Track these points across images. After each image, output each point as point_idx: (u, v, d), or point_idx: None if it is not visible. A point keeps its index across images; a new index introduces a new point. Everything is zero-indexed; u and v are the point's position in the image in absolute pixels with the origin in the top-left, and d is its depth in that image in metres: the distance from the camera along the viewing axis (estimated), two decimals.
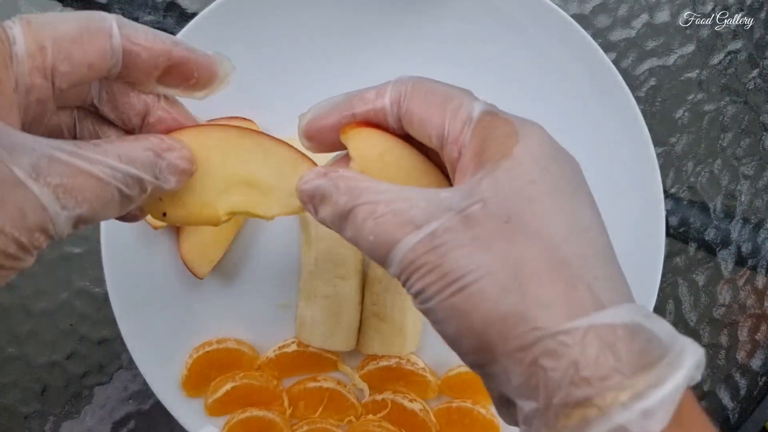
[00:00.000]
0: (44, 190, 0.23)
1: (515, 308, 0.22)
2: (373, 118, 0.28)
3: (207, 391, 0.43)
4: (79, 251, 0.47)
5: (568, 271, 0.23)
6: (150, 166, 0.27)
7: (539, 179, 0.24)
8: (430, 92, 0.27)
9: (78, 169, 0.24)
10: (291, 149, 0.31)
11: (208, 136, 0.30)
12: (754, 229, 0.49)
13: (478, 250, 0.23)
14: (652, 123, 0.48)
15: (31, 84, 0.25)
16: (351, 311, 0.43)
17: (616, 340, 0.22)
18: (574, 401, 0.21)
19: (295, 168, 0.31)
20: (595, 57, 0.42)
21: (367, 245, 0.26)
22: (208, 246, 0.42)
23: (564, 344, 0.22)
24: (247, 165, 0.30)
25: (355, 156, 0.29)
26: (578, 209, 0.24)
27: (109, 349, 0.47)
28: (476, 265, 0.23)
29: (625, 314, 0.22)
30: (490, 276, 0.23)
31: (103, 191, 0.25)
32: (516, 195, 0.24)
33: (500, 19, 0.42)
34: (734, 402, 0.49)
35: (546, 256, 0.23)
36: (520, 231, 0.23)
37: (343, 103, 0.29)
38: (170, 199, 0.29)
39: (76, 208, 0.24)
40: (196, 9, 0.47)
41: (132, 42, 0.26)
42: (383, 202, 0.25)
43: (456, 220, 0.24)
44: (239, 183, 0.30)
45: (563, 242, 0.23)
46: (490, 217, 0.23)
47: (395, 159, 0.29)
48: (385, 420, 0.43)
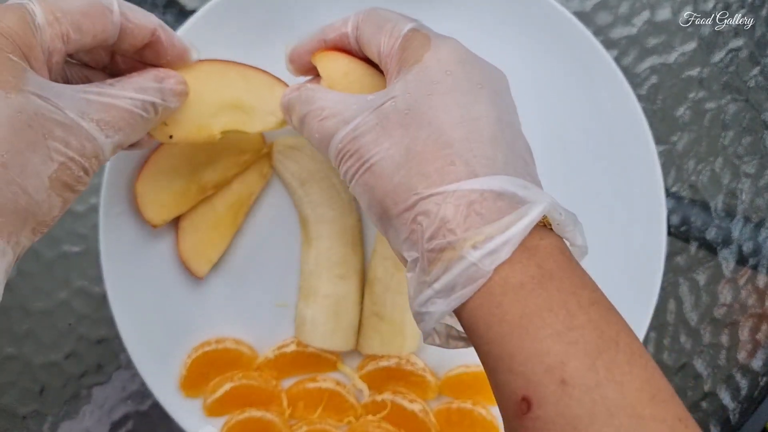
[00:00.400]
0: (91, 125, 0.30)
1: (403, 180, 0.28)
2: (339, 43, 0.35)
3: (206, 392, 0.43)
4: (77, 250, 0.47)
5: (449, 149, 0.27)
6: (158, 92, 0.33)
7: (441, 80, 0.29)
8: (377, 17, 0.33)
9: (110, 104, 0.31)
10: (267, 75, 0.38)
11: (200, 70, 0.37)
12: (756, 228, 0.49)
13: (382, 136, 0.29)
14: (653, 121, 0.48)
15: (53, 48, 0.30)
16: (351, 311, 0.43)
17: (482, 200, 0.26)
18: (440, 247, 0.26)
19: (271, 91, 0.38)
20: (596, 54, 0.42)
21: (316, 141, 0.32)
22: (207, 245, 0.42)
23: (435, 203, 0.27)
24: (233, 91, 0.37)
25: (324, 75, 0.35)
26: (472, 104, 0.28)
27: (107, 348, 0.47)
28: (379, 149, 0.29)
29: (496, 183, 0.26)
30: (388, 157, 0.28)
31: (131, 117, 0.32)
32: (418, 92, 0.29)
33: (500, 16, 0.42)
34: (735, 402, 0.49)
35: (433, 138, 0.28)
36: (416, 120, 0.28)
37: (318, 32, 0.35)
38: (174, 124, 0.36)
39: (116, 135, 0.31)
40: (196, 6, 0.47)
41: (128, 19, 0.32)
42: (328, 107, 0.31)
43: (372, 115, 0.29)
44: (227, 106, 0.37)
45: (450, 128, 0.28)
46: (396, 110, 0.29)
47: (357, 77, 0.35)
48: (384, 421, 0.43)
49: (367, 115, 0.29)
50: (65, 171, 0.29)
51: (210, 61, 0.37)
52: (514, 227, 0.25)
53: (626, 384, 0.23)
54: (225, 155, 0.41)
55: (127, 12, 0.32)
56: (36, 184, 0.28)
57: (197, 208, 0.42)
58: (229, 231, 0.43)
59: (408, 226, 0.28)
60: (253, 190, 0.43)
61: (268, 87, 0.38)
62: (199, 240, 0.42)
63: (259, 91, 0.38)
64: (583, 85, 0.43)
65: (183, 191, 0.41)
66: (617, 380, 0.23)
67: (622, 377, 0.23)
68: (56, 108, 0.28)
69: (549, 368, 0.24)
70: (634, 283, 0.43)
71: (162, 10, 0.47)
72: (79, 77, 0.35)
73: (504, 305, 0.25)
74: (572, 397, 0.23)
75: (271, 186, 0.43)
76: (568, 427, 0.23)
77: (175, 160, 0.41)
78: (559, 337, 0.24)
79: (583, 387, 0.23)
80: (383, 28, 0.32)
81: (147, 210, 0.41)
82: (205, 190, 0.41)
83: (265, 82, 0.38)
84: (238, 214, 0.43)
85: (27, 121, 0.27)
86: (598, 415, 0.23)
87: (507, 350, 0.25)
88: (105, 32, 0.32)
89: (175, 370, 0.43)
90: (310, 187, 0.42)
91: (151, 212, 0.41)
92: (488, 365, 0.26)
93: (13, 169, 0.27)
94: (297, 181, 0.42)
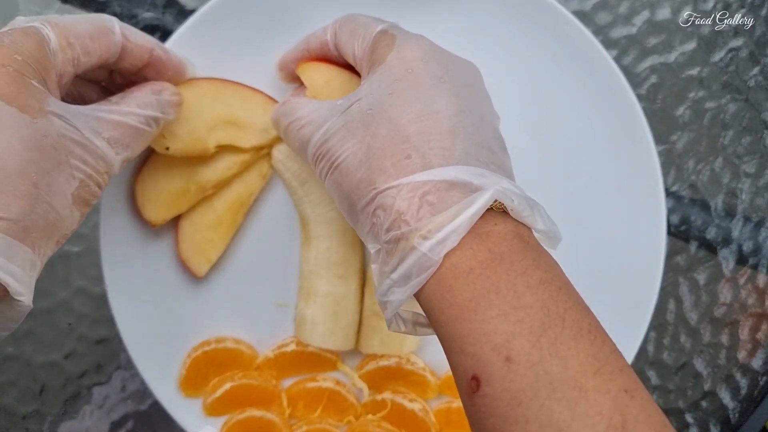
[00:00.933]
0: (103, 143, 0.32)
1: (365, 176, 0.29)
2: (321, 51, 0.37)
3: (205, 391, 0.43)
4: (77, 250, 0.47)
5: (407, 144, 0.28)
6: (157, 105, 0.35)
7: (402, 78, 0.30)
8: (352, 23, 0.35)
9: (118, 122, 0.33)
10: (262, 95, 0.41)
11: (199, 87, 0.39)
12: (756, 227, 0.49)
13: (347, 136, 0.30)
14: (653, 121, 0.48)
15: (64, 71, 0.32)
16: (350, 310, 0.43)
17: (435, 191, 0.27)
18: (395, 238, 0.27)
19: (265, 109, 0.40)
20: (595, 54, 0.42)
21: (297, 149, 0.35)
22: (206, 245, 0.42)
23: (391, 196, 0.28)
24: (229, 108, 0.40)
25: (307, 84, 0.37)
26: (432, 98, 0.29)
27: (107, 348, 0.47)
28: (345, 148, 0.30)
29: (451, 173, 0.27)
30: (352, 155, 0.30)
31: (137, 133, 0.34)
32: (380, 91, 0.30)
33: (500, 16, 0.42)
34: (735, 401, 0.49)
35: (391, 135, 0.29)
36: (377, 118, 0.29)
37: (302, 41, 0.38)
38: (171, 137, 0.38)
39: (124, 152, 0.33)
40: (195, 6, 0.47)
41: (128, 40, 0.34)
42: (305, 116, 0.34)
43: (340, 118, 0.31)
44: (223, 122, 0.40)
45: (408, 123, 0.29)
46: (360, 111, 0.30)
47: (339, 84, 0.37)
48: (384, 420, 0.43)
49: (336, 118, 0.31)
50: (84, 188, 0.31)
51: (208, 79, 0.40)
52: (462, 215, 0.26)
53: (570, 358, 0.24)
54: (225, 155, 0.41)
55: (128, 33, 0.34)
56: (62, 201, 0.30)
57: (197, 207, 0.42)
58: (229, 231, 0.43)
59: (369, 219, 0.29)
60: (253, 190, 0.43)
61: (262, 105, 0.41)
62: (198, 240, 0.42)
63: (253, 109, 0.40)
64: (582, 84, 0.43)
65: (182, 191, 0.41)
66: (561, 355, 0.24)
67: (567, 352, 0.24)
68: (75, 128, 0.30)
69: (495, 347, 0.24)
70: (634, 283, 0.43)
71: (162, 10, 0.47)
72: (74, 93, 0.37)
73: (454, 290, 0.26)
74: (517, 373, 0.24)
75: (271, 186, 0.43)
76: (514, 402, 0.24)
77: (174, 160, 0.41)
78: (506, 317, 0.25)
79: (527, 363, 0.24)
80: (356, 33, 0.34)
81: (146, 210, 0.41)
82: (205, 190, 0.41)
83: (260, 100, 0.41)
84: (237, 214, 0.43)
85: (52, 144, 0.29)
86: (541, 389, 0.23)
87: (458, 332, 0.26)
88: (108, 53, 0.33)
89: (175, 370, 0.43)
90: (310, 186, 0.42)
91: (151, 212, 0.41)
92: (444, 348, 0.27)
93: (42, 188, 0.28)
94: (297, 181, 0.42)
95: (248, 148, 0.41)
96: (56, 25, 0.31)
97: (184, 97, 0.39)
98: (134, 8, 0.47)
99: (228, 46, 0.41)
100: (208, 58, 0.41)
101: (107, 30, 0.33)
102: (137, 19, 0.47)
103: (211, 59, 0.41)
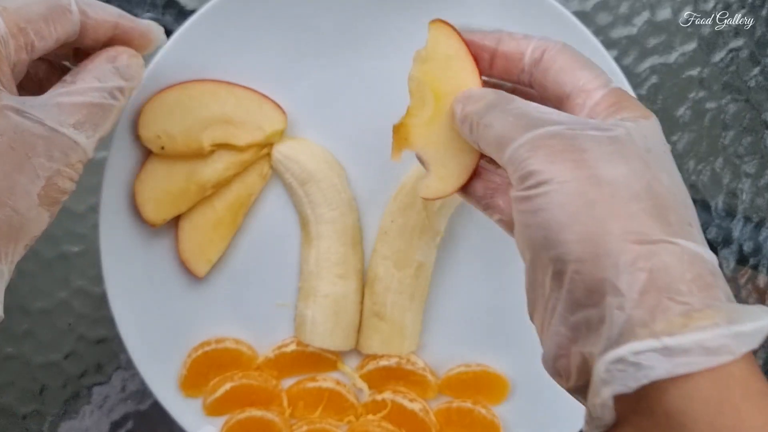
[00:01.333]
0: (70, 130, 0.29)
1: (645, 217, 0.25)
2: (507, 56, 0.32)
3: (206, 391, 0.43)
4: (77, 250, 0.47)
5: (686, 210, 0.26)
6: (116, 74, 0.32)
7: (665, 150, 0.28)
8: (576, 54, 0.31)
9: (80, 103, 0.30)
10: (256, 93, 0.41)
11: (193, 89, 0.40)
12: (756, 227, 0.49)
13: (621, 161, 0.26)
14: None
15: (17, 60, 0.29)
16: (351, 310, 0.42)
17: (709, 273, 0.24)
18: (674, 305, 0.23)
19: (259, 107, 0.41)
20: (596, 54, 0.42)
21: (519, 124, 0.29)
22: (206, 245, 0.42)
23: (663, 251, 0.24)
24: (223, 107, 0.40)
25: (429, 43, 0.33)
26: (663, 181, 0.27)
27: (107, 348, 0.47)
28: (617, 173, 0.26)
29: (708, 255, 0.25)
30: (625, 186, 0.25)
31: (103, 110, 0.31)
32: (652, 140, 0.27)
33: (500, 16, 0.42)
34: None
35: (672, 189, 0.26)
36: (658, 163, 0.27)
37: (495, 32, 0.33)
38: (166, 137, 0.39)
39: (95, 133, 0.30)
40: (195, 6, 0.47)
41: (87, 16, 0.31)
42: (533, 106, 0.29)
43: (603, 135, 0.27)
44: (218, 121, 0.40)
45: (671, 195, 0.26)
46: (633, 142, 0.27)
47: (455, 71, 0.32)
48: (384, 420, 0.43)
49: (595, 132, 0.27)
50: (52, 186, 0.29)
51: (202, 81, 0.40)
52: (760, 320, 0.22)
53: None
54: (224, 155, 0.41)
55: (87, 9, 0.32)
56: (26, 203, 0.28)
57: (197, 207, 0.42)
58: (229, 231, 0.43)
59: (637, 270, 0.24)
60: (252, 190, 0.43)
61: (256, 103, 0.41)
62: (198, 240, 0.42)
63: (248, 107, 0.41)
64: None
65: (182, 191, 0.41)
66: None
67: None
68: (35, 121, 0.28)
69: None
70: None
71: (161, 10, 0.47)
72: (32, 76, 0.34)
73: (743, 411, 0.21)
74: None
75: (271, 186, 0.43)
76: None
77: (174, 161, 0.41)
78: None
79: None
80: (587, 66, 0.31)
81: (146, 209, 0.41)
82: (205, 190, 0.41)
83: (254, 99, 0.41)
84: (237, 214, 0.43)
85: (8, 143, 0.27)
86: None
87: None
88: (66, 34, 0.31)
89: (175, 370, 0.43)
90: (310, 187, 0.42)
91: (151, 212, 0.41)
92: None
93: (2, 192, 0.27)
94: (297, 181, 0.42)
95: (243, 145, 0.41)
96: (4, 9, 0.29)
97: (179, 99, 0.39)
98: (134, 8, 0.47)
99: (228, 46, 0.41)
100: (208, 58, 0.41)
101: (63, 9, 0.30)
102: None
103: (210, 59, 0.41)
